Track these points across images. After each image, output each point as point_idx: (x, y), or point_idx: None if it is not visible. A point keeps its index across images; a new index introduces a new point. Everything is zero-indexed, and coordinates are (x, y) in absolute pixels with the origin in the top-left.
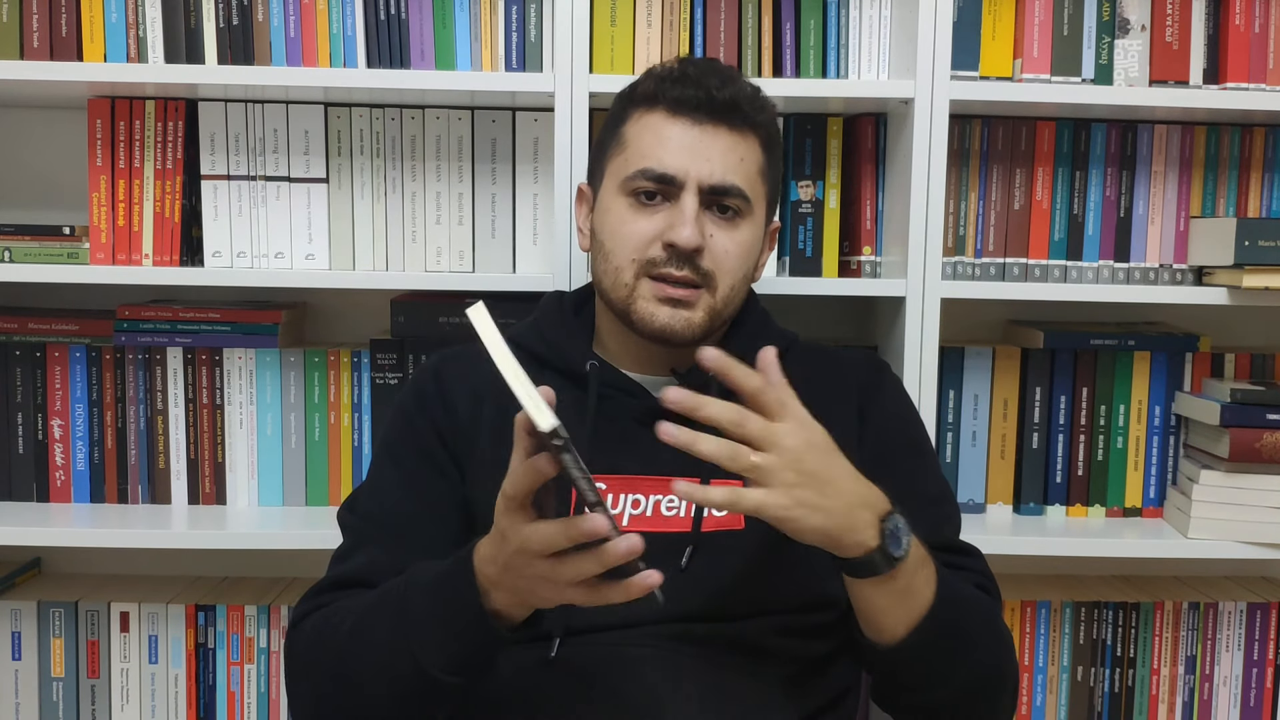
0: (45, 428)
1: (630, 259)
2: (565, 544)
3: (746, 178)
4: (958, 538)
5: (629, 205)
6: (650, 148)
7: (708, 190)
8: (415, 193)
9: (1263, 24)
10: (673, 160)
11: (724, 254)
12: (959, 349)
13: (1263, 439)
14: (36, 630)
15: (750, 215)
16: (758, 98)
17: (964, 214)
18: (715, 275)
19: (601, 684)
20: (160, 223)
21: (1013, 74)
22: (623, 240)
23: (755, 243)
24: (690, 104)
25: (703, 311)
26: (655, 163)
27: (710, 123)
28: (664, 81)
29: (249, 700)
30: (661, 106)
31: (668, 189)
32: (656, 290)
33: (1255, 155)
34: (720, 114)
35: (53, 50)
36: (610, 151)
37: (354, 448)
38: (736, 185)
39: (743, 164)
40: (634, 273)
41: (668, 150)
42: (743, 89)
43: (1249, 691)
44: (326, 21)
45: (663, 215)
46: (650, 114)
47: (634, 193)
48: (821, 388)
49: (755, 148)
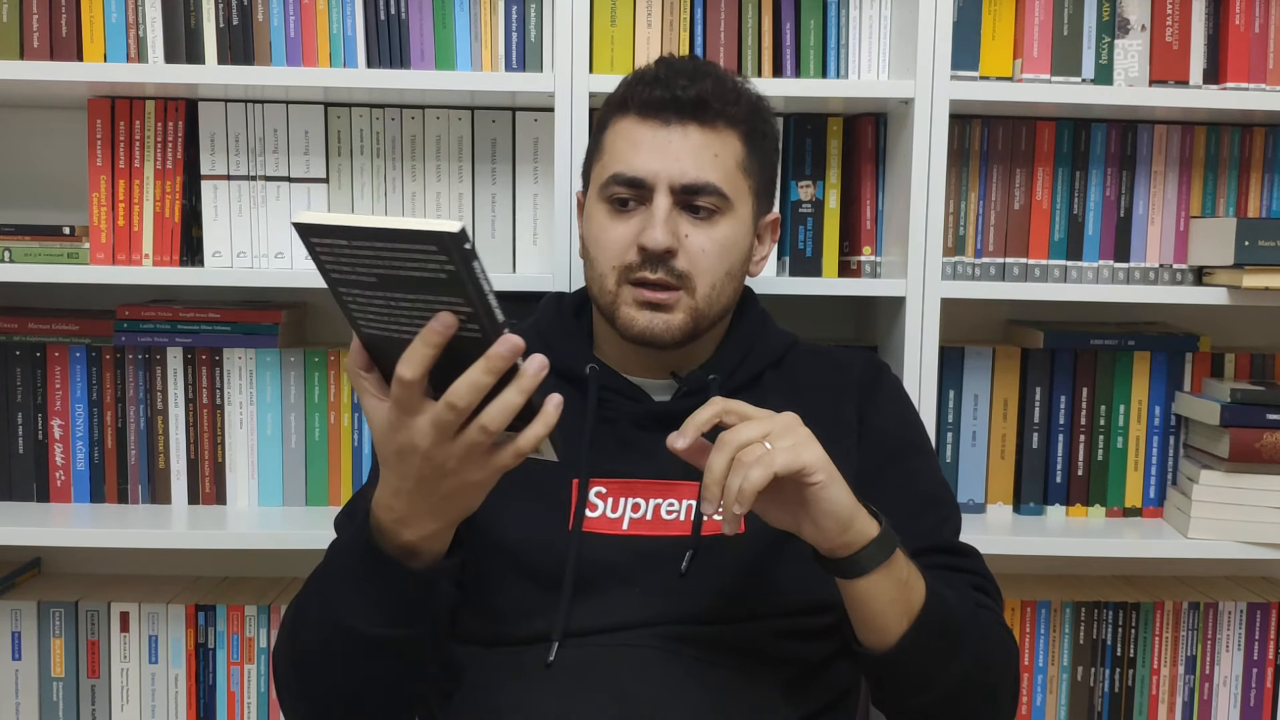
0: (45, 428)
1: (611, 265)
2: (488, 386)
3: (722, 174)
4: (957, 538)
5: (607, 212)
6: (622, 153)
7: (679, 190)
8: (415, 193)
9: (1263, 24)
10: (642, 163)
11: (700, 253)
12: (959, 349)
13: (1263, 439)
14: (36, 630)
15: (730, 211)
16: (731, 91)
17: (964, 214)
18: (692, 275)
19: (601, 687)
20: (160, 223)
21: (1013, 74)
22: (603, 247)
23: (737, 239)
24: (656, 105)
25: (682, 314)
26: (625, 167)
27: (678, 122)
28: (635, 85)
29: (249, 700)
30: (632, 111)
31: (641, 193)
32: (636, 295)
33: (1255, 155)
34: (688, 112)
35: (53, 50)
36: (593, 158)
37: (354, 448)
38: (710, 183)
39: (717, 160)
40: (615, 279)
41: (638, 154)
42: (717, 84)
43: (1249, 691)
44: (326, 21)
45: (637, 219)
46: (623, 119)
47: (610, 199)
48: (821, 388)
49: (732, 141)
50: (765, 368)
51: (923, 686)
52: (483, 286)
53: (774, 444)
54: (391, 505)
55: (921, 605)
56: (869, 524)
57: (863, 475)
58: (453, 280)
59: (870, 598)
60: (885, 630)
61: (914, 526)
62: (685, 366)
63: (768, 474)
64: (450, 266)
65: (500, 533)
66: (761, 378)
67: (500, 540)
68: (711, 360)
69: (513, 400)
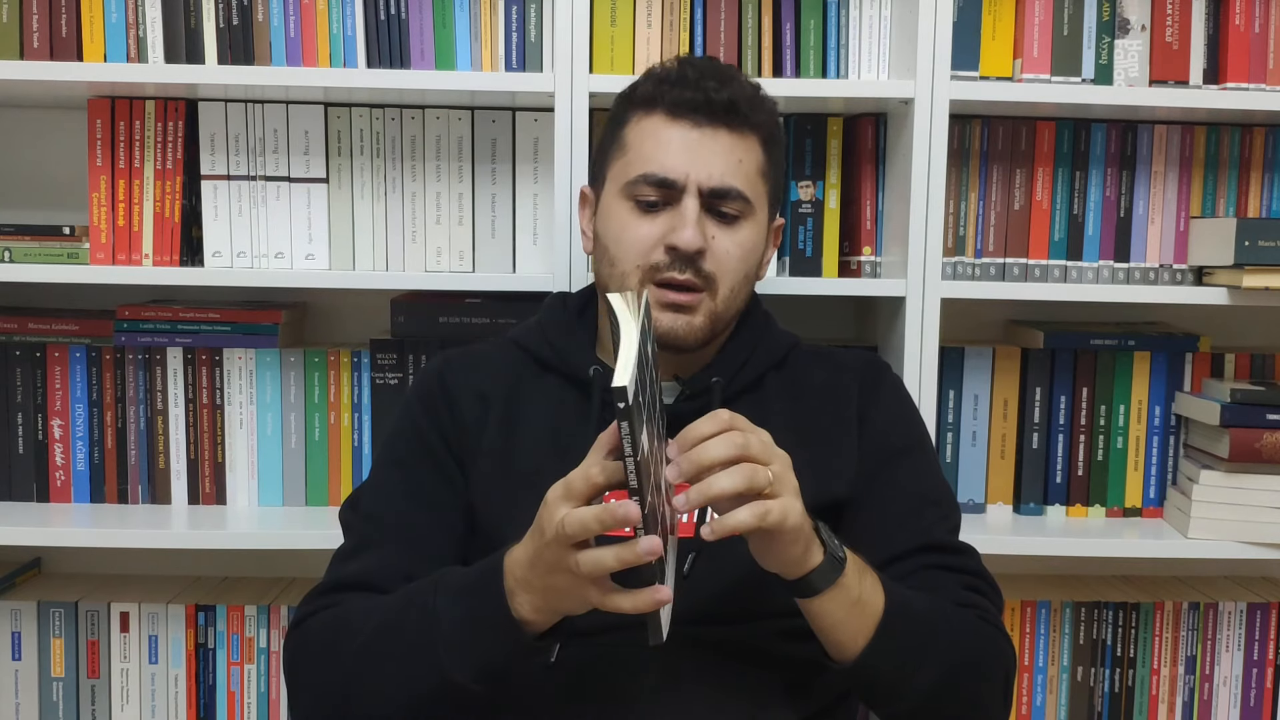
0: (45, 428)
1: (635, 264)
2: (596, 528)
3: (746, 179)
4: (955, 537)
5: (631, 210)
6: (651, 152)
7: (708, 193)
8: (415, 193)
9: (1263, 24)
10: (673, 164)
11: (725, 255)
12: (959, 349)
13: (1263, 439)
14: (36, 630)
15: (751, 216)
16: (756, 97)
17: (964, 214)
18: (717, 278)
19: (602, 686)
20: (160, 223)
21: (1013, 74)
22: (626, 245)
23: (757, 243)
24: (689, 106)
25: (703, 316)
26: (656, 167)
27: (709, 125)
28: (663, 84)
29: (249, 700)
30: (660, 109)
31: (669, 193)
32: (660, 296)
33: (1255, 155)
34: (719, 116)
35: (53, 50)
36: (611, 154)
37: (354, 448)
38: (736, 188)
39: (742, 165)
40: (639, 278)
41: (668, 154)
42: (742, 89)
43: (1249, 691)
44: (326, 21)
45: (664, 219)
46: (650, 117)
47: (636, 197)
48: (821, 389)
49: (755, 148)
50: (767, 370)
51: (894, 696)
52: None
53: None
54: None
55: (878, 621)
56: (817, 551)
57: (863, 474)
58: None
59: (823, 614)
60: (843, 645)
61: (912, 525)
62: (689, 369)
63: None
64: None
65: (505, 534)
66: (763, 380)
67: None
68: (715, 363)
69: (605, 562)
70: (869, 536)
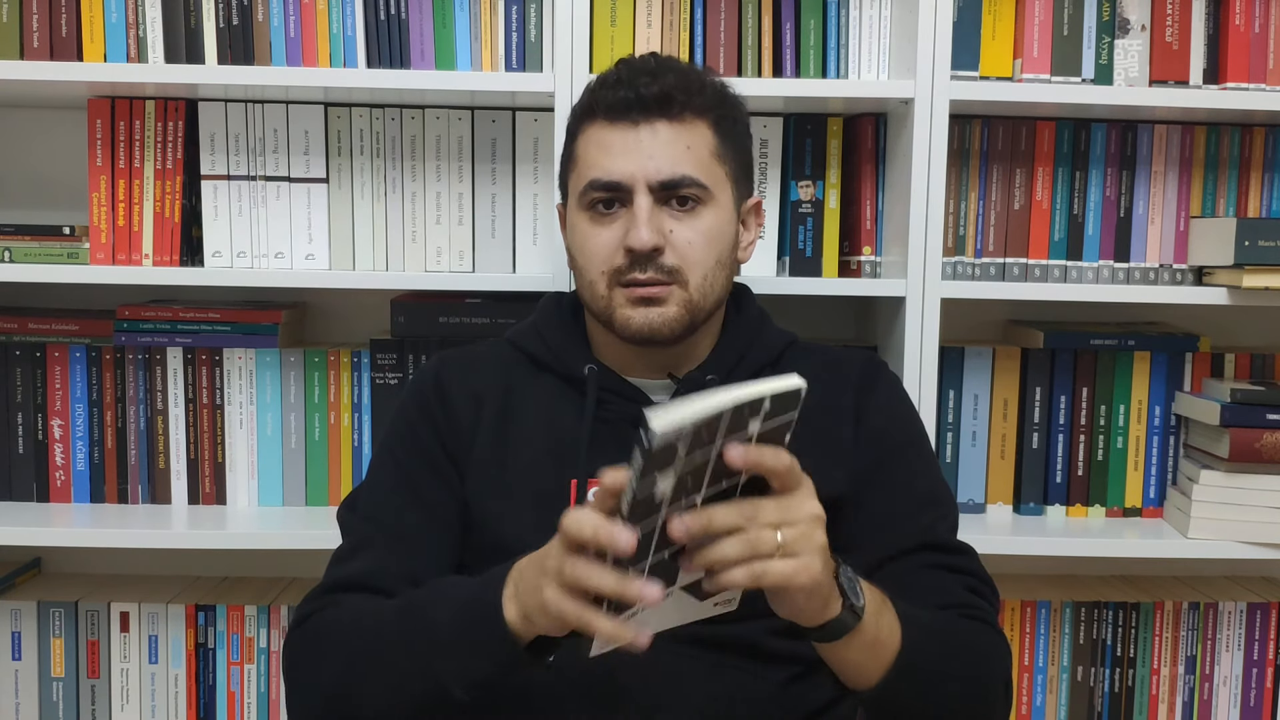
0: (45, 428)
1: (600, 271)
2: (589, 534)
3: (698, 164)
4: (954, 537)
5: (589, 219)
6: (595, 158)
7: (658, 187)
8: (415, 193)
9: (1263, 24)
10: (617, 166)
11: (688, 246)
12: (959, 349)
13: (1263, 439)
14: (36, 630)
15: (711, 201)
16: (696, 82)
17: (964, 214)
18: (683, 269)
19: (600, 685)
20: (160, 223)
21: (1013, 74)
22: (589, 254)
23: (722, 226)
24: (622, 106)
25: (676, 306)
26: (600, 172)
27: (645, 120)
28: (598, 90)
29: (249, 700)
30: (599, 115)
31: (621, 195)
32: (629, 294)
33: (1255, 155)
34: (654, 109)
35: (53, 50)
36: (568, 168)
37: (354, 448)
38: (689, 175)
39: (691, 151)
40: (606, 284)
41: (610, 158)
42: (677, 78)
43: (1249, 691)
44: (326, 21)
45: (621, 222)
46: (592, 125)
47: (590, 205)
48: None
49: (703, 131)
50: (762, 367)
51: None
52: (631, 480)
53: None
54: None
55: (894, 657)
56: (836, 603)
57: (860, 473)
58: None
59: (836, 657)
60: (859, 679)
61: (911, 524)
62: (682, 367)
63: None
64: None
65: (500, 533)
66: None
67: (500, 540)
68: (709, 360)
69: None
70: (867, 534)
